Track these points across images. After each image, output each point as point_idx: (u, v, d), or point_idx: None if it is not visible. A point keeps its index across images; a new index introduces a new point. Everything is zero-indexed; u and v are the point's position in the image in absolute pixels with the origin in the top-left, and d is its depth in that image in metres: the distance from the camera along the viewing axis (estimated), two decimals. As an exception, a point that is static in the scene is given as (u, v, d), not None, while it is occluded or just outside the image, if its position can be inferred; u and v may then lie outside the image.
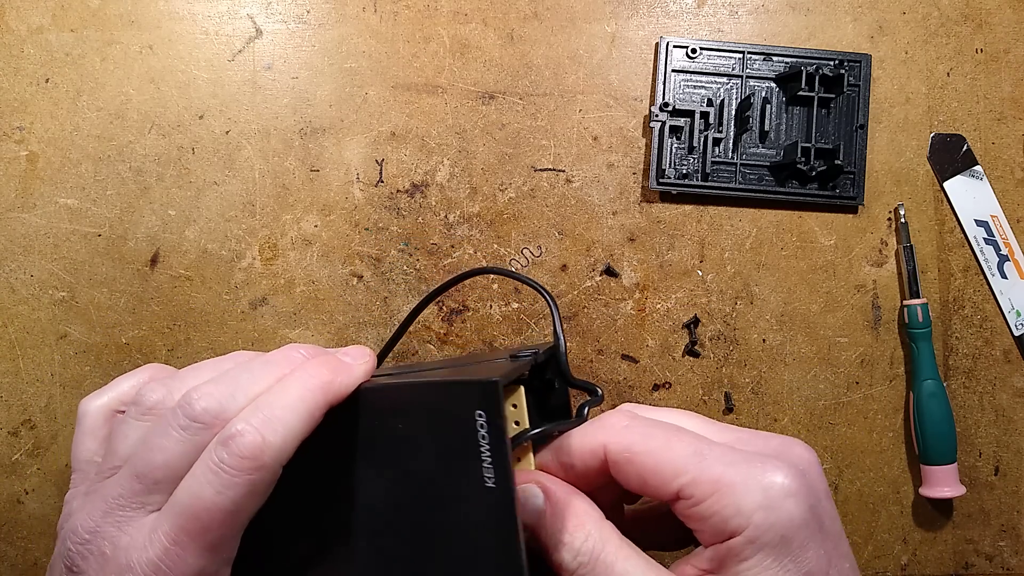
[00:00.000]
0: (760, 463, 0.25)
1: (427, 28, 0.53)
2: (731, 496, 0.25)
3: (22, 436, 0.51)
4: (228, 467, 0.25)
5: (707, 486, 0.25)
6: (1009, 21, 0.55)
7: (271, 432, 0.25)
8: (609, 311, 0.53)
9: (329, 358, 0.29)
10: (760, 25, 0.54)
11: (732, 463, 0.25)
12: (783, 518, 0.24)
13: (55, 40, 0.52)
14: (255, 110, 0.53)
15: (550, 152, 0.53)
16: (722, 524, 0.25)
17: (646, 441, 0.27)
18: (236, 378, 0.28)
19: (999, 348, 0.54)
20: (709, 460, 0.25)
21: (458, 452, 0.25)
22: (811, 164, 0.52)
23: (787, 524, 0.24)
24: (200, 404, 0.26)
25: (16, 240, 0.52)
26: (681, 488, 0.25)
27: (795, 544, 0.24)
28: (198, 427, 0.26)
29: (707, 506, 0.25)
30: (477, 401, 0.25)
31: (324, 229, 0.53)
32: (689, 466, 0.25)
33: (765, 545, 0.24)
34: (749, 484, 0.25)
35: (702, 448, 0.26)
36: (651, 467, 0.26)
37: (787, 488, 0.25)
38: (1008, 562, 0.54)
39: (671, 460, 0.26)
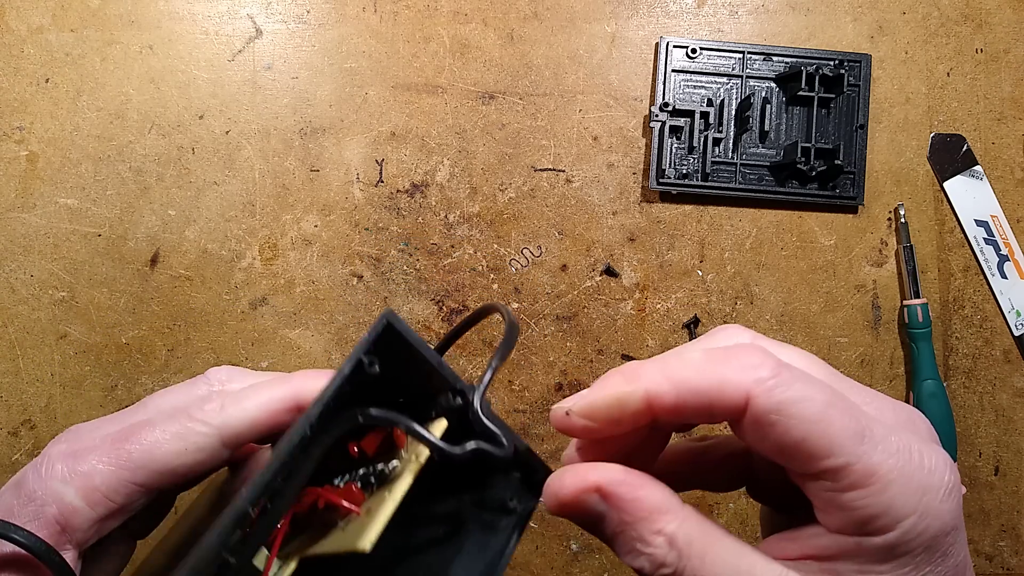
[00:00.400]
0: (922, 455, 0.22)
1: (427, 28, 0.53)
2: (885, 494, 0.21)
3: (22, 436, 0.51)
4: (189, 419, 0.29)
5: (861, 476, 0.21)
6: (1009, 21, 0.55)
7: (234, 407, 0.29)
8: (609, 311, 0.53)
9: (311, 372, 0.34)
10: (760, 25, 0.54)
11: (894, 453, 0.22)
12: (935, 525, 0.21)
13: (55, 40, 0.52)
14: (255, 110, 0.53)
15: (550, 152, 0.53)
16: (865, 520, 0.21)
17: (802, 404, 0.21)
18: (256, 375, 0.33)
19: (999, 348, 0.54)
20: (869, 445, 0.21)
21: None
22: (811, 164, 0.52)
23: (939, 530, 0.21)
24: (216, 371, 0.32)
25: (16, 240, 0.52)
26: (829, 470, 0.21)
27: (942, 549, 0.22)
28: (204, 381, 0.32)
29: (853, 496, 0.21)
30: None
31: (324, 229, 0.53)
32: (848, 448, 0.21)
33: (908, 552, 0.21)
34: (909, 484, 0.21)
35: (863, 427, 0.22)
36: (799, 437, 0.21)
37: (946, 489, 0.21)
38: (1008, 562, 0.54)
39: (828, 436, 0.21)
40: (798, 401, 0.21)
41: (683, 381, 0.22)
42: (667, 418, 0.23)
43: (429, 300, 0.53)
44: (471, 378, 0.53)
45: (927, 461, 0.22)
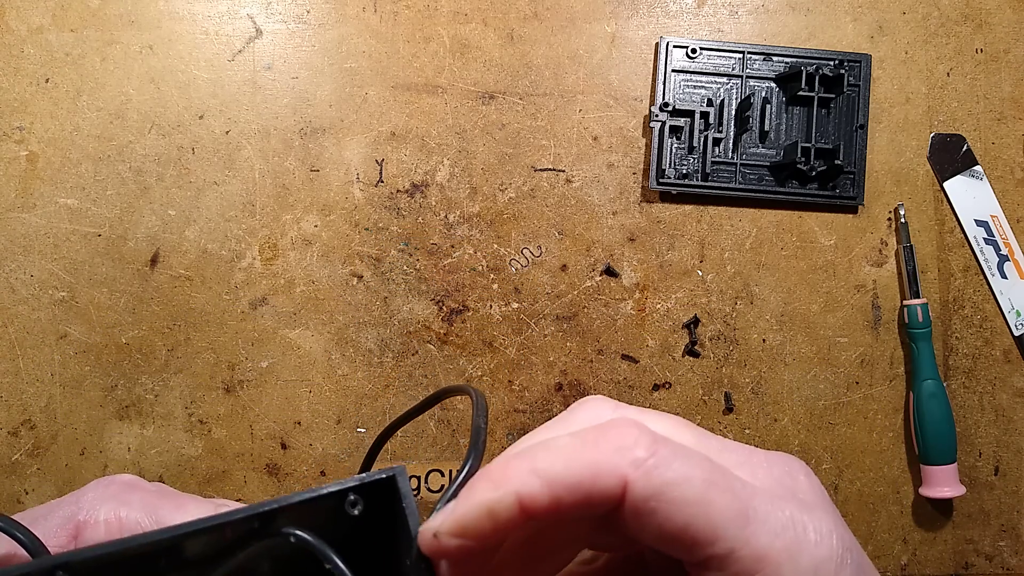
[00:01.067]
0: (807, 529, 0.21)
1: (427, 28, 0.53)
2: (777, 570, 0.20)
3: (22, 436, 0.51)
4: None
5: (750, 563, 0.20)
6: (1009, 21, 0.55)
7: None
8: (609, 311, 0.53)
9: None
10: (760, 25, 0.54)
11: (780, 532, 0.21)
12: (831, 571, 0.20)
13: (55, 40, 0.52)
14: (255, 110, 0.53)
15: (550, 152, 0.53)
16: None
17: (682, 487, 0.20)
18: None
19: (999, 348, 0.54)
20: (755, 526, 0.20)
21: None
22: (811, 164, 0.52)
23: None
24: None
25: (16, 240, 0.52)
26: (715, 556, 0.20)
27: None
28: None
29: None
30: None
31: (324, 229, 0.53)
32: (732, 532, 0.20)
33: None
34: (799, 563, 0.20)
35: (746, 506, 0.21)
36: (681, 523, 0.20)
37: (837, 560, 0.21)
38: (1008, 562, 0.54)
39: (711, 520, 0.20)
40: (678, 483, 0.20)
41: (555, 477, 0.20)
42: (545, 519, 0.21)
43: (429, 300, 0.53)
44: (471, 377, 0.53)
45: (813, 534, 0.21)
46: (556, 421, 0.23)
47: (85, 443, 0.51)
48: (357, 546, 0.20)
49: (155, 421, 0.52)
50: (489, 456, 0.53)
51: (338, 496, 0.20)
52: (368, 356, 0.52)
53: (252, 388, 0.52)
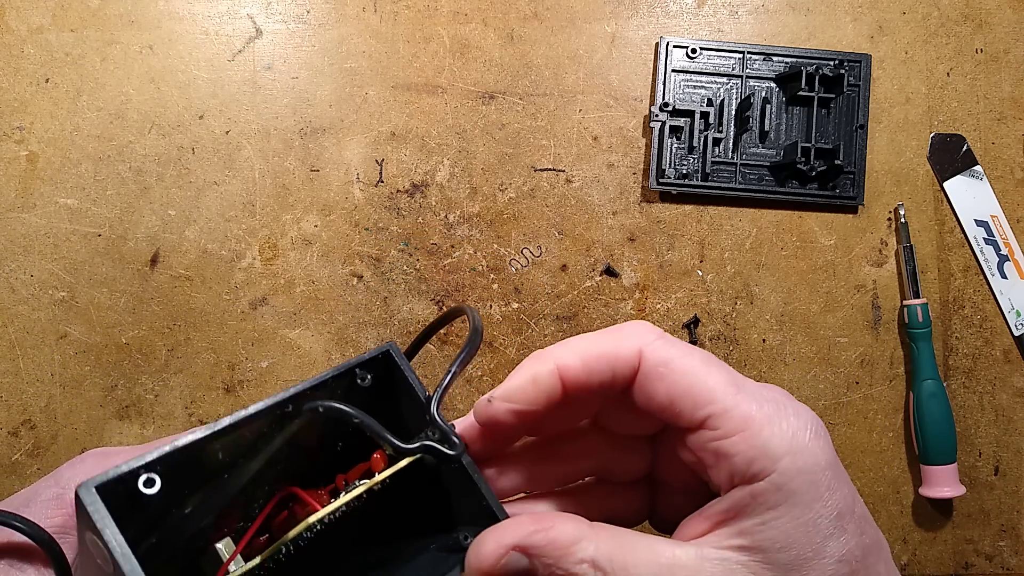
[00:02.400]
0: (787, 408, 0.24)
1: (427, 28, 0.53)
2: (759, 436, 0.23)
3: (22, 436, 0.51)
4: None
5: (738, 421, 0.24)
6: (1009, 21, 0.55)
7: None
8: (609, 311, 0.53)
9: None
10: (760, 25, 0.54)
11: (765, 402, 0.24)
12: (811, 462, 0.23)
13: (55, 40, 0.52)
14: (255, 110, 0.53)
15: (550, 152, 0.53)
16: (745, 465, 0.24)
17: (685, 359, 0.25)
18: None
19: (999, 348, 0.54)
20: (744, 395, 0.24)
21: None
22: (811, 164, 0.52)
23: (814, 467, 0.23)
24: None
25: (16, 240, 0.52)
26: (710, 417, 0.24)
27: (823, 486, 0.23)
28: None
29: (733, 443, 0.24)
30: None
31: (324, 229, 0.53)
32: (724, 396, 0.24)
33: (793, 492, 0.23)
34: (777, 426, 0.24)
35: (738, 381, 0.25)
36: (684, 387, 0.24)
37: (814, 431, 0.24)
38: (1008, 562, 0.54)
39: (707, 385, 0.24)
40: (681, 356, 0.25)
41: (586, 350, 0.25)
42: (577, 390, 0.25)
43: (429, 300, 0.53)
44: (471, 377, 0.53)
45: (792, 408, 0.24)
46: (607, 332, 0.27)
47: (85, 443, 0.51)
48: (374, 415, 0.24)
49: (155, 421, 0.52)
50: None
51: (349, 373, 0.25)
52: (368, 356, 0.52)
53: (252, 388, 0.52)
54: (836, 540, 0.23)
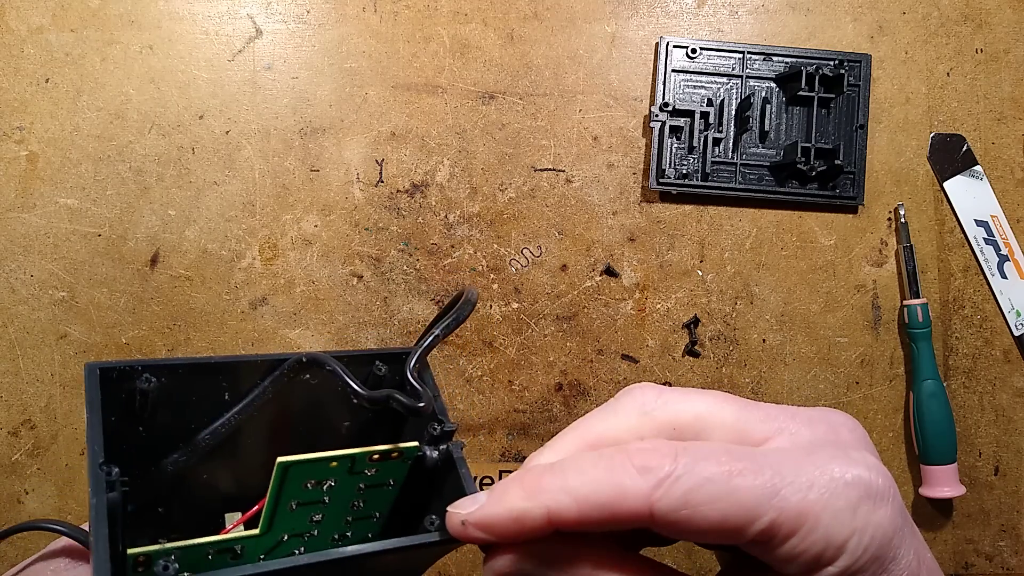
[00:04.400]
0: (837, 470, 0.22)
1: (427, 28, 0.53)
2: (820, 529, 0.21)
3: (22, 436, 0.51)
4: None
5: (790, 524, 0.21)
6: (1009, 21, 0.55)
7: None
8: (609, 311, 0.53)
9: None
10: (760, 25, 0.54)
11: (810, 487, 0.22)
12: (878, 536, 0.22)
13: (55, 40, 0.52)
14: (255, 110, 0.53)
15: (550, 152, 0.53)
16: (813, 559, 0.22)
17: (706, 488, 0.21)
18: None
19: (999, 348, 0.54)
20: (785, 493, 0.21)
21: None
22: (811, 164, 0.52)
23: (882, 540, 0.22)
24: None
25: (16, 240, 0.52)
26: (759, 533, 0.22)
27: (890, 555, 0.22)
28: None
29: (792, 545, 0.22)
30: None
31: (324, 229, 0.53)
32: (764, 507, 0.21)
33: (860, 569, 0.22)
34: (837, 508, 0.21)
35: (772, 479, 0.22)
36: (717, 520, 0.21)
37: (876, 498, 0.22)
38: (1008, 562, 0.54)
39: (741, 505, 0.21)
40: (701, 486, 0.21)
41: (585, 497, 0.21)
42: (571, 531, 0.22)
43: (429, 300, 0.53)
44: (471, 377, 0.53)
45: (848, 476, 0.22)
46: (603, 409, 0.24)
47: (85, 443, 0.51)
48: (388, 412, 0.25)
49: (155, 421, 0.52)
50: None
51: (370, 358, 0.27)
52: (368, 356, 0.52)
53: (252, 388, 0.52)
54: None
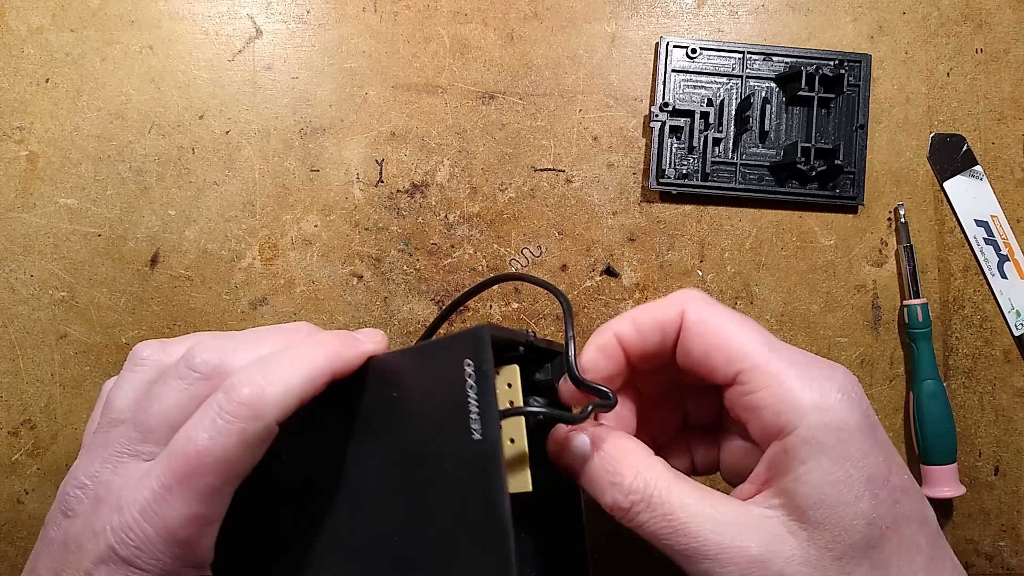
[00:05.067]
0: (818, 368, 0.26)
1: (427, 28, 0.53)
2: (787, 391, 0.25)
3: (22, 436, 0.51)
4: (224, 412, 0.25)
5: (767, 377, 0.25)
6: (1009, 21, 0.55)
7: (270, 384, 0.25)
8: (609, 311, 0.53)
9: (340, 332, 0.30)
10: (760, 25, 0.54)
11: (795, 363, 0.26)
12: (838, 419, 0.24)
13: (55, 40, 0.52)
14: (255, 110, 0.53)
15: (550, 152, 0.53)
16: (774, 418, 0.25)
17: (723, 317, 0.27)
18: (241, 338, 0.29)
19: (999, 348, 0.54)
20: (776, 354, 0.26)
21: (448, 408, 0.25)
22: (811, 164, 0.52)
23: (842, 426, 0.24)
24: (200, 356, 0.27)
25: (16, 240, 0.52)
26: (741, 372, 0.26)
27: (853, 448, 0.24)
28: (195, 376, 0.27)
29: (761, 396, 0.25)
30: (466, 350, 0.25)
31: (324, 229, 0.53)
32: (756, 353, 0.26)
33: (823, 446, 0.24)
34: (806, 383, 0.25)
35: (772, 342, 0.26)
36: (720, 343, 0.26)
37: (842, 390, 0.25)
38: (1008, 562, 0.54)
39: (741, 342, 0.26)
40: (718, 314, 0.27)
41: (637, 316, 0.29)
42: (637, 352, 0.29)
43: (429, 300, 0.53)
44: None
45: (826, 369, 0.26)
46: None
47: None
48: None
49: (155, 421, 0.52)
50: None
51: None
52: (368, 356, 0.52)
53: (252, 388, 0.52)
54: (867, 502, 0.24)
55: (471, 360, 0.24)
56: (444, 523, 0.25)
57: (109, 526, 0.25)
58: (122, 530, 0.25)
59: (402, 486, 0.27)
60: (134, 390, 0.29)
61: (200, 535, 0.26)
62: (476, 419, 0.24)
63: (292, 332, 0.30)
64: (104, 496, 0.26)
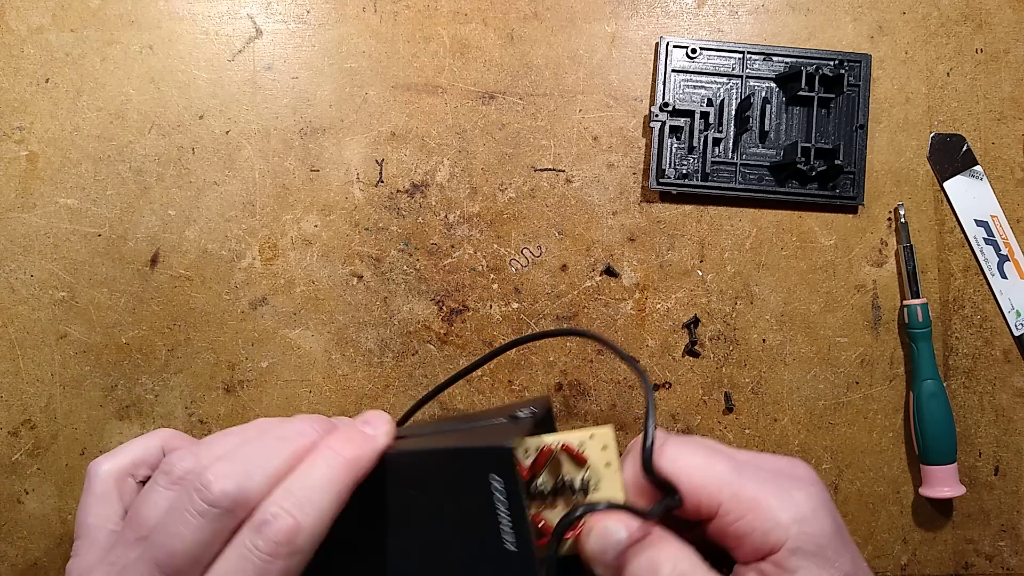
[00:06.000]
0: (787, 481, 0.28)
1: (427, 28, 0.53)
2: (768, 512, 0.26)
3: (22, 436, 0.51)
4: (264, 553, 0.25)
5: (746, 503, 0.27)
6: (1009, 21, 0.55)
7: (304, 515, 0.25)
8: (609, 311, 0.53)
9: (351, 432, 0.29)
10: (760, 25, 0.54)
11: (764, 481, 0.27)
12: (817, 530, 0.26)
13: (55, 40, 0.52)
14: (255, 110, 0.53)
15: (550, 152, 0.53)
16: (762, 539, 0.26)
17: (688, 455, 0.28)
18: (251, 455, 0.27)
19: (999, 348, 0.54)
20: (745, 478, 0.27)
21: (477, 517, 0.25)
22: (811, 164, 0.52)
23: (820, 535, 0.26)
24: (217, 487, 0.26)
25: (16, 240, 0.52)
26: (722, 504, 0.27)
27: (830, 552, 0.26)
28: (216, 512, 0.26)
29: (747, 522, 0.27)
30: (492, 466, 0.25)
31: (324, 229, 0.53)
32: (729, 482, 0.27)
33: (807, 555, 0.26)
34: (783, 500, 0.27)
35: (737, 465, 0.28)
36: (698, 482, 0.27)
37: (816, 502, 0.27)
38: (1008, 562, 0.54)
39: (715, 476, 0.27)
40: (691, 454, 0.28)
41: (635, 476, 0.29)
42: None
43: (429, 300, 0.53)
44: (471, 376, 0.53)
45: (795, 484, 0.28)
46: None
47: (85, 443, 0.51)
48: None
49: (155, 421, 0.52)
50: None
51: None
52: (368, 356, 0.52)
53: (252, 388, 0.52)
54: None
55: (498, 477, 0.25)
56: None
57: None
58: None
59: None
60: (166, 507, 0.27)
61: None
62: (509, 531, 0.25)
63: (299, 437, 0.29)
64: None
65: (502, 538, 0.25)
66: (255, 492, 0.26)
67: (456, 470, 0.26)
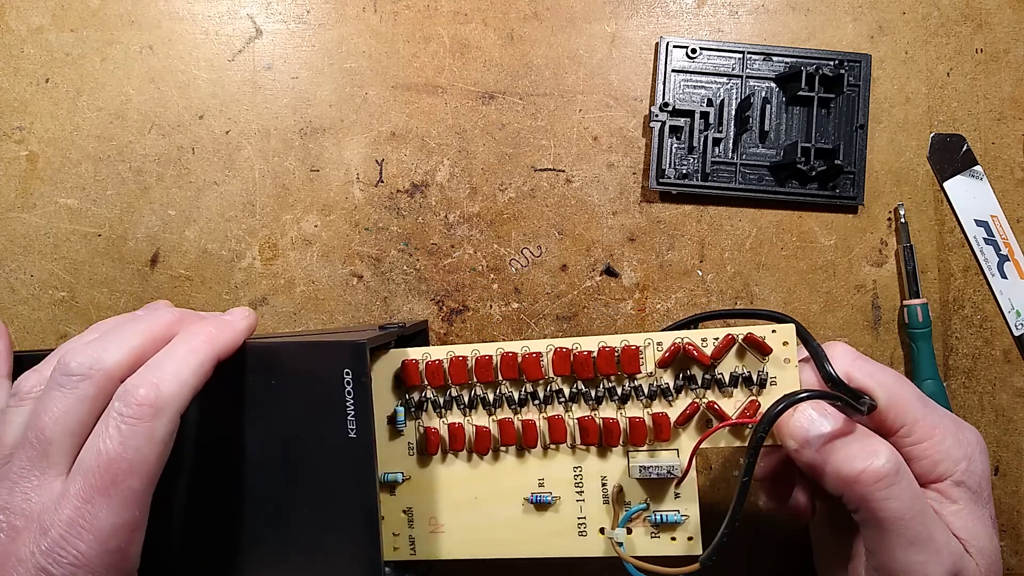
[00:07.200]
0: (959, 422, 0.32)
1: (427, 28, 0.53)
2: (943, 444, 0.30)
3: (22, 436, 0.51)
4: (127, 417, 0.26)
5: (926, 430, 0.30)
6: (1009, 21, 0.55)
7: (165, 383, 0.27)
8: (609, 311, 0.53)
9: (214, 319, 0.31)
10: (760, 25, 0.54)
11: (944, 415, 0.31)
12: (979, 470, 0.30)
13: (55, 40, 0.52)
14: (255, 110, 0.53)
15: (550, 152, 0.53)
16: (931, 466, 0.30)
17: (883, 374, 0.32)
18: (107, 335, 0.29)
19: (999, 348, 0.54)
20: (929, 408, 0.31)
21: (327, 407, 0.29)
22: (811, 164, 0.52)
23: (981, 476, 0.30)
24: (73, 360, 0.28)
25: (16, 240, 0.52)
26: (906, 425, 0.30)
27: (984, 493, 0.30)
28: (75, 379, 0.27)
29: (923, 448, 0.30)
30: (347, 360, 0.28)
31: (324, 229, 0.53)
32: (917, 407, 0.31)
33: (968, 490, 0.30)
34: (958, 438, 0.30)
35: (923, 396, 0.31)
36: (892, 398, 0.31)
37: (982, 447, 0.31)
38: (1008, 562, 0.54)
39: (906, 398, 0.31)
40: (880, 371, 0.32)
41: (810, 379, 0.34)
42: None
43: (429, 300, 0.53)
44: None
45: (968, 426, 0.32)
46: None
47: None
48: None
49: (155, 421, 0.52)
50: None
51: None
52: (368, 356, 0.52)
53: (252, 388, 0.52)
54: (998, 539, 0.31)
55: (349, 370, 0.28)
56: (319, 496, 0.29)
57: (36, 550, 0.25)
58: (52, 551, 0.25)
59: (282, 460, 0.30)
60: (23, 423, 0.29)
61: (131, 541, 0.26)
62: (352, 420, 0.28)
63: (155, 318, 0.31)
64: (22, 525, 0.26)
65: (347, 427, 0.28)
66: (112, 363, 0.28)
67: (315, 360, 0.29)
